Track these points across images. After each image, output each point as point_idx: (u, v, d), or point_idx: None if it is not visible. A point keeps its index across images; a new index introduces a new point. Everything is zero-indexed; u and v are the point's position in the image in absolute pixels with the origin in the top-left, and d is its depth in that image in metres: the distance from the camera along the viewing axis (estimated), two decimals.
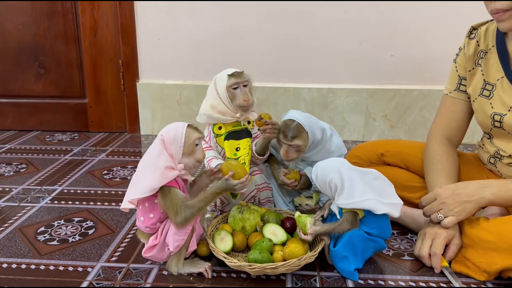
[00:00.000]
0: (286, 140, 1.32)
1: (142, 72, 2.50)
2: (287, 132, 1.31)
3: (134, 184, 1.13)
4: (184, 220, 1.09)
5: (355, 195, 1.13)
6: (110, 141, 2.45)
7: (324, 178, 1.17)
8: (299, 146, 1.32)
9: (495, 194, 1.13)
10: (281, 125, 1.34)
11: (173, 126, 1.13)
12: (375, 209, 1.13)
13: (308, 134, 1.32)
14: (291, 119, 1.33)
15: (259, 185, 1.44)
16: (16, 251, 1.28)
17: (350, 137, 2.45)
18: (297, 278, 1.15)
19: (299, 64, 2.39)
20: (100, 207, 1.59)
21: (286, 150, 1.34)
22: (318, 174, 1.19)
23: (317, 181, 1.19)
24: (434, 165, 1.33)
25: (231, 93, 1.34)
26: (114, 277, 1.15)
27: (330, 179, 1.16)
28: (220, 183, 1.14)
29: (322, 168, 1.19)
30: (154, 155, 1.11)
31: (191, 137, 1.12)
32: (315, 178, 1.20)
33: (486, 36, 1.27)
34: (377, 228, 1.16)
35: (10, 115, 2.63)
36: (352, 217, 1.15)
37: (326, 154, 1.40)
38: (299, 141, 1.31)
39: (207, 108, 1.37)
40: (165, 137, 1.11)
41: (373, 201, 1.13)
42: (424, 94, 2.34)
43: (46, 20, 2.45)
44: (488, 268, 1.09)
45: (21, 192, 1.72)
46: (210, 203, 1.14)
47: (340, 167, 1.17)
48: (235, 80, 1.33)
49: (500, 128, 1.23)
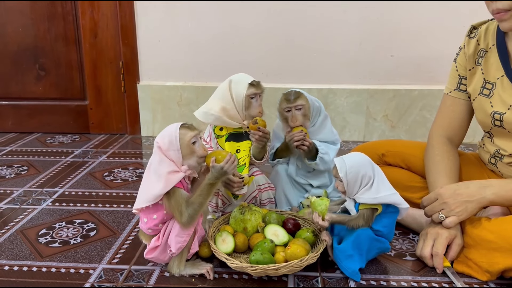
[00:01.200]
0: (290, 103, 1.39)
1: (142, 73, 2.51)
2: (289, 96, 1.39)
3: (141, 192, 1.13)
4: (189, 218, 1.09)
5: (383, 190, 1.13)
6: (110, 142, 2.45)
7: (356, 172, 1.14)
8: (303, 106, 1.39)
9: (497, 194, 1.13)
10: (282, 96, 1.42)
11: (166, 131, 1.12)
12: (400, 202, 1.14)
13: (307, 98, 1.41)
14: (289, 90, 1.42)
15: (260, 186, 1.44)
16: (17, 254, 1.28)
17: (351, 138, 2.45)
18: (299, 279, 1.15)
19: (299, 64, 2.39)
20: (101, 209, 1.59)
21: (293, 115, 1.39)
22: (348, 168, 1.14)
23: (347, 176, 1.13)
24: (435, 165, 1.33)
25: (248, 102, 1.34)
26: (116, 279, 1.15)
27: (364, 173, 1.14)
28: (209, 173, 1.13)
29: (353, 163, 1.15)
30: (155, 163, 1.11)
31: (186, 138, 1.11)
32: (344, 174, 1.14)
33: (486, 35, 1.27)
34: (387, 227, 1.16)
35: (10, 117, 2.63)
36: (370, 213, 1.14)
37: (330, 134, 1.48)
38: (302, 101, 1.39)
39: (218, 110, 1.35)
40: (161, 144, 1.11)
41: (398, 195, 1.14)
42: (424, 94, 2.34)
43: (46, 22, 2.46)
44: (490, 268, 1.09)
45: (22, 194, 1.73)
46: (209, 197, 1.12)
47: (371, 161, 1.17)
48: (255, 90, 1.34)
49: (500, 127, 1.23)
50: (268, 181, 1.47)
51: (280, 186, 1.48)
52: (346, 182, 1.14)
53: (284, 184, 1.48)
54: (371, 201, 1.13)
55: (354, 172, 1.14)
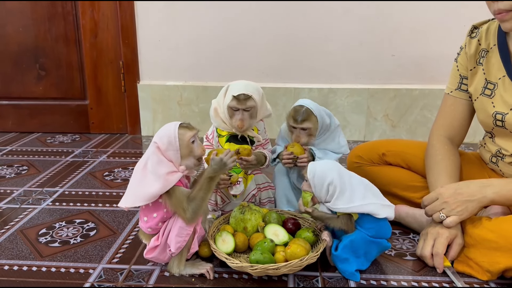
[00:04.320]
0: (296, 123, 1.37)
1: (142, 73, 2.50)
2: (297, 116, 1.37)
3: (135, 190, 1.11)
4: (193, 214, 1.09)
5: (356, 199, 1.13)
6: (111, 142, 2.45)
7: (322, 179, 1.15)
8: (309, 128, 1.38)
9: (497, 193, 1.12)
10: (291, 111, 1.39)
11: (165, 130, 1.11)
12: (377, 213, 1.13)
13: (317, 118, 1.38)
14: (300, 105, 1.38)
15: (259, 185, 1.44)
16: (17, 253, 1.28)
17: (352, 137, 2.44)
18: (299, 278, 1.15)
19: (300, 64, 2.39)
20: (101, 209, 1.59)
21: (298, 134, 1.39)
22: (316, 174, 1.16)
23: (313, 182, 1.16)
24: (435, 165, 1.32)
25: (230, 112, 1.34)
26: (116, 279, 1.15)
27: (330, 181, 1.14)
28: (208, 166, 1.13)
29: (322, 169, 1.16)
30: (154, 163, 1.10)
31: (185, 137, 1.10)
32: (311, 178, 1.16)
33: (488, 35, 1.26)
34: (374, 229, 1.15)
35: (11, 117, 2.63)
36: (346, 219, 1.15)
37: (337, 147, 1.45)
38: (309, 123, 1.37)
39: (212, 110, 1.38)
40: (159, 144, 1.10)
41: (374, 205, 1.13)
42: (425, 94, 2.33)
43: (47, 22, 2.46)
44: (491, 268, 1.09)
45: (23, 194, 1.72)
46: (210, 191, 1.11)
47: (340, 169, 1.17)
48: (236, 105, 1.31)
49: (502, 127, 1.23)
50: (268, 181, 1.47)
51: (280, 186, 1.48)
52: (314, 185, 1.17)
53: (284, 185, 1.48)
54: (344, 210, 1.14)
55: (320, 177, 1.15)
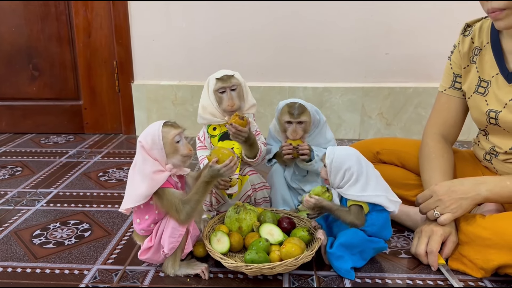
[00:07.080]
0: (293, 118, 1.38)
1: (136, 73, 2.50)
2: (293, 111, 1.37)
3: (127, 192, 1.12)
4: (187, 216, 1.09)
5: (369, 189, 1.13)
6: (105, 142, 2.44)
7: (340, 164, 1.14)
8: (305, 122, 1.39)
9: (491, 190, 1.13)
10: (285, 107, 1.40)
11: (149, 130, 1.11)
12: (387, 205, 1.14)
13: (310, 112, 1.40)
14: (293, 101, 1.40)
15: (255, 185, 1.44)
16: (11, 255, 1.27)
17: (346, 136, 2.45)
18: (294, 277, 1.15)
19: (294, 63, 2.39)
20: (96, 209, 1.58)
21: (294, 129, 1.39)
22: (334, 159, 1.15)
23: (331, 166, 1.15)
24: (429, 163, 1.33)
25: (218, 97, 1.34)
26: (111, 280, 1.14)
27: (348, 166, 1.14)
28: (206, 171, 1.12)
29: (340, 154, 1.16)
30: (140, 162, 1.10)
31: (169, 136, 1.10)
32: (329, 163, 1.16)
33: (481, 33, 1.27)
34: (375, 226, 1.16)
35: (4, 118, 2.61)
36: (358, 210, 1.14)
37: (324, 142, 1.46)
38: (305, 117, 1.38)
39: (199, 108, 1.39)
40: (144, 143, 1.09)
41: (384, 197, 1.14)
42: (419, 92, 2.34)
43: (40, 22, 2.44)
44: (485, 265, 1.09)
45: (17, 195, 1.71)
46: (205, 194, 1.12)
47: (359, 156, 1.17)
48: (222, 84, 1.32)
49: (495, 125, 1.23)
50: (263, 180, 1.47)
51: (276, 186, 1.48)
52: (330, 170, 1.16)
53: (280, 185, 1.48)
54: (355, 198, 1.14)
55: (339, 162, 1.15)
